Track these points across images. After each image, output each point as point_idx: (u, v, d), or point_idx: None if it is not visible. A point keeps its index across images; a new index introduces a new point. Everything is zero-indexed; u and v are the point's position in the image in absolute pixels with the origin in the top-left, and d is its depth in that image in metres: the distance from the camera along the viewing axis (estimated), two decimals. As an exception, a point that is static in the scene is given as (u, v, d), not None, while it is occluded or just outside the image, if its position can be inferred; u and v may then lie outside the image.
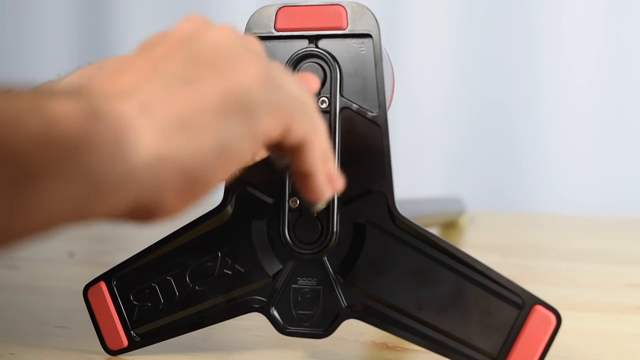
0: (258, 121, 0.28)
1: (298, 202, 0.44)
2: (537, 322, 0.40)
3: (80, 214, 0.24)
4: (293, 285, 0.45)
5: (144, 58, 0.28)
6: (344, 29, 0.43)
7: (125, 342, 0.47)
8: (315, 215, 0.44)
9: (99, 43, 1.43)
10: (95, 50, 1.43)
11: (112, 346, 0.48)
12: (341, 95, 0.43)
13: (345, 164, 0.43)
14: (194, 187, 0.26)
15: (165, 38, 0.30)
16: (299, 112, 0.31)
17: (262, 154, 0.39)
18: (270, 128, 0.29)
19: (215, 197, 0.46)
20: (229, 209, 0.46)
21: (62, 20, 1.44)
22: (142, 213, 0.26)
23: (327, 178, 0.33)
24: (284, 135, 0.30)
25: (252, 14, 0.45)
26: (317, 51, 0.44)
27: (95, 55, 1.42)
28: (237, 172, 0.31)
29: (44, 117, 0.22)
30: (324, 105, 0.44)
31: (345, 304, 0.44)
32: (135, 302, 0.47)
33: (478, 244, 0.92)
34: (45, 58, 1.46)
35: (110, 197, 0.24)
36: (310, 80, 0.38)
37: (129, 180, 0.24)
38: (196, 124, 0.26)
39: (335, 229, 0.44)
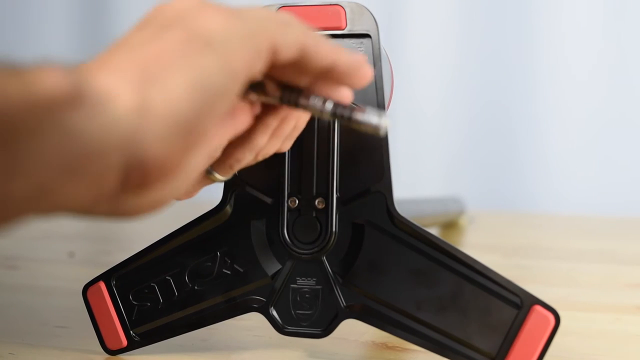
0: (231, 53, 0.28)
1: (297, 202, 0.44)
2: (536, 322, 0.40)
3: (71, 174, 0.24)
4: (292, 285, 0.45)
5: (133, 42, 0.29)
6: (343, 29, 0.43)
7: (125, 342, 0.47)
8: (314, 216, 0.44)
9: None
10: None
11: (112, 346, 0.48)
12: (340, 95, 0.43)
13: (344, 164, 0.43)
14: (180, 132, 0.26)
15: (152, 20, 0.30)
16: (278, 29, 0.30)
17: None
18: (249, 57, 0.29)
19: (214, 197, 0.46)
20: (228, 208, 0.46)
21: (62, 20, 1.44)
22: (137, 174, 0.26)
23: (351, 59, 0.32)
24: (274, 56, 0.30)
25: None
26: (316, 51, 0.43)
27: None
28: (237, 173, 0.31)
29: (23, 80, 0.22)
30: (323, 105, 0.43)
31: (344, 304, 0.44)
32: (134, 302, 0.47)
33: (478, 244, 0.92)
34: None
35: (98, 157, 0.24)
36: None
37: (112, 135, 0.24)
38: (163, 68, 0.26)
39: (334, 229, 0.44)
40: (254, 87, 0.33)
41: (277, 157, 0.43)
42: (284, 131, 0.38)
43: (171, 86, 0.26)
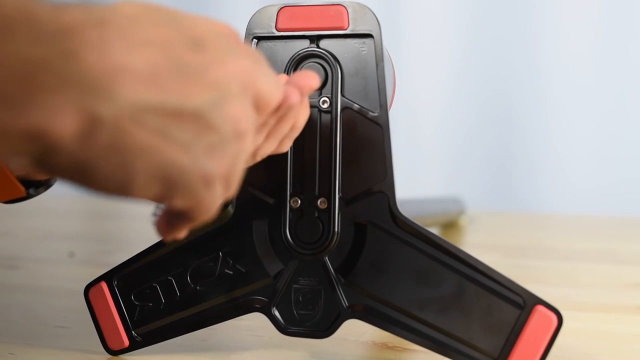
0: (171, 194, 0.28)
1: (299, 202, 0.44)
2: (539, 322, 0.41)
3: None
4: (294, 285, 0.45)
5: (171, 60, 0.27)
6: (345, 29, 0.43)
7: (127, 342, 0.47)
8: (316, 216, 0.44)
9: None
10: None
11: (113, 346, 0.48)
12: (342, 95, 0.44)
13: (347, 164, 0.43)
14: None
15: (213, 66, 0.28)
16: (208, 209, 0.30)
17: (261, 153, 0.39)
18: (175, 204, 0.29)
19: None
20: (230, 209, 0.46)
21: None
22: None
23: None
24: (179, 208, 0.30)
25: (253, 14, 0.45)
26: (318, 51, 0.44)
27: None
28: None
29: (12, 104, 0.23)
30: (325, 106, 0.44)
31: (347, 304, 0.44)
32: (136, 302, 0.47)
33: (478, 244, 0.92)
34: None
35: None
36: (309, 77, 0.38)
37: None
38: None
39: (336, 229, 0.44)
40: None
41: (279, 157, 0.43)
42: (281, 131, 0.38)
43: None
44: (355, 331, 0.50)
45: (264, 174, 0.45)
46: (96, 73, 0.25)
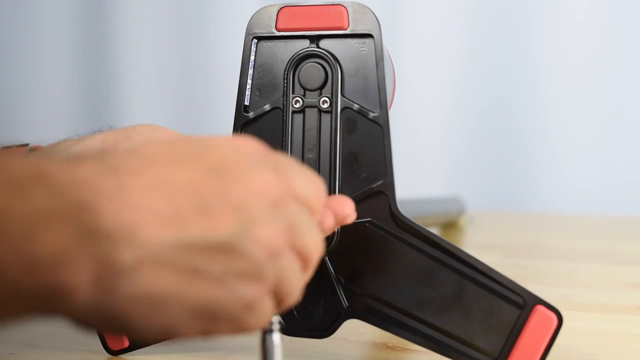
0: (216, 328, 0.27)
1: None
2: (539, 322, 0.41)
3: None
4: (294, 285, 0.45)
5: (190, 196, 0.26)
6: (345, 29, 0.43)
7: (127, 342, 0.47)
8: None
9: (100, 42, 1.43)
10: (95, 49, 1.43)
11: (114, 346, 0.47)
12: (342, 95, 0.44)
13: (346, 164, 0.43)
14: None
15: (232, 187, 0.27)
16: (258, 323, 0.29)
17: None
18: (224, 333, 0.28)
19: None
20: None
21: (62, 20, 1.44)
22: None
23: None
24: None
25: (253, 14, 0.45)
26: (318, 51, 0.44)
27: (96, 55, 1.43)
28: None
29: (25, 261, 0.22)
30: (325, 106, 0.44)
31: (347, 304, 0.44)
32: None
33: (478, 244, 0.92)
34: (46, 59, 1.46)
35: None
36: (347, 205, 0.37)
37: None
38: (162, 309, 0.25)
39: (336, 229, 0.44)
40: None
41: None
42: None
43: (148, 322, 0.25)
44: (355, 331, 0.50)
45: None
46: (113, 221, 0.24)
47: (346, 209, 0.37)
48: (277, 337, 0.34)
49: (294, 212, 0.29)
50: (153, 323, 0.25)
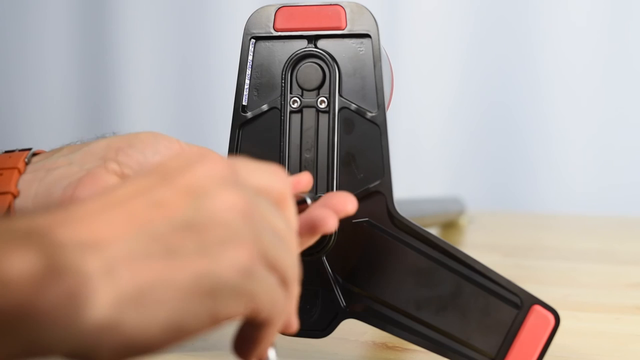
0: (222, 306, 0.27)
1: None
2: (536, 322, 0.40)
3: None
4: (292, 285, 0.45)
5: (141, 198, 0.26)
6: (343, 29, 0.43)
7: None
8: None
9: (99, 42, 1.43)
10: (94, 49, 1.43)
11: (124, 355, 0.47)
12: (340, 95, 0.44)
13: (344, 164, 0.43)
14: (133, 353, 0.25)
15: (176, 180, 0.27)
16: (272, 298, 0.28)
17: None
18: (234, 312, 0.27)
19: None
20: None
21: (62, 20, 1.44)
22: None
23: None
24: (250, 317, 0.29)
25: (251, 14, 0.45)
26: (316, 51, 0.44)
27: (95, 55, 1.43)
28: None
29: None
30: (323, 106, 0.44)
31: (344, 303, 0.44)
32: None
33: (478, 244, 0.92)
34: (46, 61, 1.46)
35: (49, 350, 0.24)
36: (347, 200, 0.37)
37: (70, 340, 0.24)
38: (156, 299, 0.25)
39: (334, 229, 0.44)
40: None
41: (277, 158, 0.43)
42: (307, 244, 0.38)
43: (152, 319, 0.25)
44: (355, 331, 0.50)
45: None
46: (72, 238, 0.24)
47: (349, 207, 0.37)
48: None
49: (249, 191, 0.29)
50: (154, 320, 0.25)
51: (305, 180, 0.38)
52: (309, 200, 0.38)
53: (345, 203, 0.37)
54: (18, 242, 0.23)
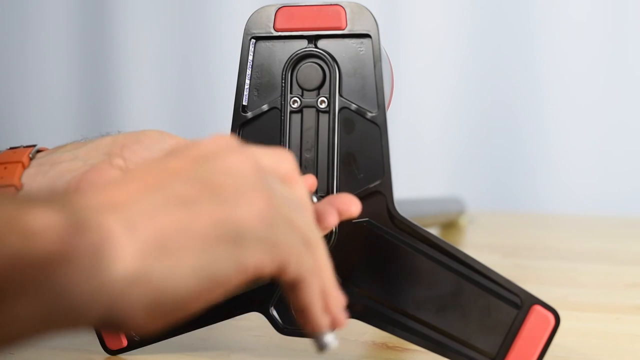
0: (248, 254, 0.27)
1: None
2: (536, 322, 0.41)
3: (47, 328, 0.23)
4: (292, 285, 0.45)
5: (154, 169, 0.28)
6: (343, 29, 0.43)
7: (125, 342, 0.47)
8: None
9: (99, 42, 1.43)
10: (94, 49, 1.43)
11: (112, 346, 0.48)
12: (340, 95, 0.44)
13: (344, 164, 0.43)
14: (167, 308, 0.26)
15: (186, 151, 0.29)
16: (297, 252, 0.29)
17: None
18: (261, 263, 0.28)
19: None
20: None
21: (62, 20, 1.44)
22: (110, 326, 0.25)
23: (325, 312, 0.32)
24: (279, 272, 0.29)
25: (251, 14, 0.45)
26: (316, 51, 0.44)
27: (95, 55, 1.43)
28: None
29: (22, 233, 0.22)
30: (323, 106, 0.44)
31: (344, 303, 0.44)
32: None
33: (478, 244, 0.92)
34: (46, 60, 1.46)
35: (79, 312, 0.24)
36: (352, 202, 0.37)
37: (100, 295, 0.24)
38: (179, 246, 0.25)
39: (334, 229, 0.44)
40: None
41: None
42: None
43: (179, 266, 0.25)
44: (355, 331, 0.50)
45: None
46: (91, 202, 0.25)
47: (352, 208, 0.37)
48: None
49: (257, 159, 0.30)
50: (182, 268, 0.25)
51: (309, 181, 0.39)
52: (315, 199, 0.38)
53: (350, 204, 0.37)
54: (40, 203, 0.23)
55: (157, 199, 0.26)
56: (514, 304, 0.41)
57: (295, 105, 0.44)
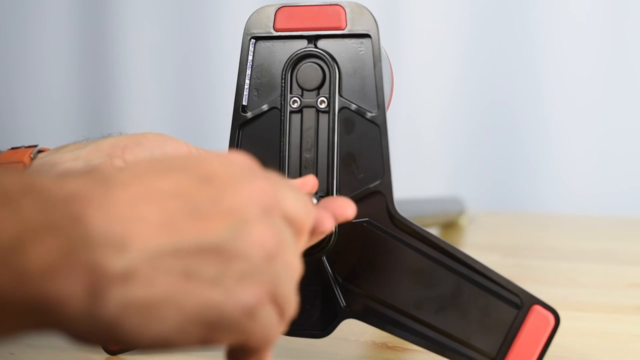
0: (216, 336, 0.26)
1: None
2: (536, 322, 0.41)
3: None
4: (292, 285, 0.45)
5: (180, 201, 0.26)
6: (343, 29, 0.43)
7: (125, 342, 0.47)
8: None
9: (99, 42, 1.43)
10: (94, 49, 1.43)
11: (112, 346, 0.47)
12: (340, 95, 0.44)
13: (344, 164, 0.43)
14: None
15: (224, 193, 0.27)
16: (264, 336, 0.28)
17: None
18: (223, 342, 0.27)
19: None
20: None
21: (62, 20, 1.44)
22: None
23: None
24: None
25: (251, 14, 0.45)
26: (316, 51, 0.44)
27: (95, 55, 1.43)
28: None
29: (15, 274, 0.22)
30: (323, 106, 0.44)
31: (344, 303, 0.44)
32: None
33: (478, 244, 0.92)
34: (46, 60, 1.46)
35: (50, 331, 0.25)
36: (347, 205, 0.37)
37: (69, 327, 0.25)
38: (160, 315, 0.25)
39: (334, 229, 0.44)
40: None
41: (276, 157, 0.43)
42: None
43: (146, 330, 0.25)
44: (355, 331, 0.50)
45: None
46: (102, 231, 0.24)
47: (348, 211, 0.37)
48: None
49: (281, 226, 0.29)
50: (149, 332, 0.25)
51: (310, 183, 0.39)
52: (315, 200, 0.38)
53: (345, 207, 0.37)
54: (46, 232, 0.23)
55: (165, 252, 0.25)
56: (513, 304, 0.41)
57: (295, 105, 0.44)
